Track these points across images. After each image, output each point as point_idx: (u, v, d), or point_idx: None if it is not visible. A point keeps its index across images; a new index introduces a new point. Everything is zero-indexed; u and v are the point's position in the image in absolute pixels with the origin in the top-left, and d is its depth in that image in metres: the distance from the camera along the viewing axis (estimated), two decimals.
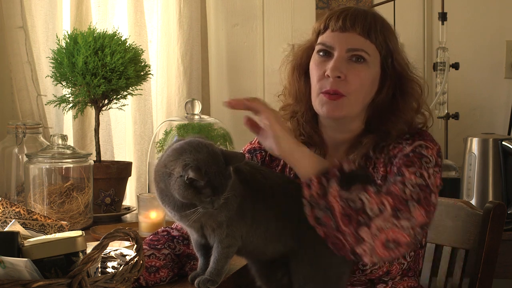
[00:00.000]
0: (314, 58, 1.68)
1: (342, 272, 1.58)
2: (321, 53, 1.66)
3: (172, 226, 1.75)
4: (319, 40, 1.68)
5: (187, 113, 2.56)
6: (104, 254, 1.50)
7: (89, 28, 2.41)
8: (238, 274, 1.68)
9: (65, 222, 1.74)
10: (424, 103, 1.71)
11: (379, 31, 1.65)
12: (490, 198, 2.50)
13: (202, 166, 1.40)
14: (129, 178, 2.55)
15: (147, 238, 1.71)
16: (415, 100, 1.68)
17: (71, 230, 1.49)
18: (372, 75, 1.65)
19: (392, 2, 2.85)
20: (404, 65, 1.69)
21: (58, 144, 2.22)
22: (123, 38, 2.43)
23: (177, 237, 1.70)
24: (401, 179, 1.54)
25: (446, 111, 2.84)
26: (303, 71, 1.72)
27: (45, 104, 2.64)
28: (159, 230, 1.75)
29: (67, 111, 2.49)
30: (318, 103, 1.65)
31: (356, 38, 1.63)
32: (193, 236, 1.54)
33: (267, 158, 1.79)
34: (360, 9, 1.67)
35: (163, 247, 1.67)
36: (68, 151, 2.22)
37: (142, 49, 2.50)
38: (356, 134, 1.70)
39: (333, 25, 1.65)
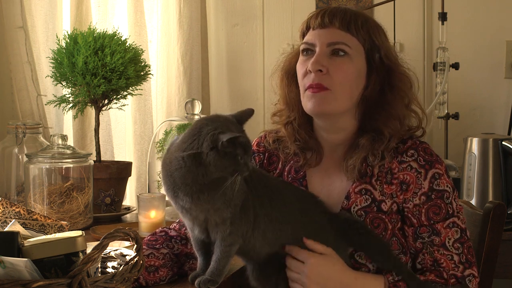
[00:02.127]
0: (299, 59, 1.69)
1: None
2: (304, 53, 1.67)
3: (170, 227, 1.75)
4: (305, 38, 1.69)
5: (187, 113, 2.56)
6: (104, 254, 1.50)
7: (89, 28, 2.41)
8: (238, 274, 1.68)
9: (65, 222, 1.74)
10: (415, 99, 1.71)
11: (360, 26, 1.64)
12: (490, 198, 2.50)
13: (226, 130, 1.41)
14: (129, 178, 2.55)
15: (145, 239, 1.71)
16: (405, 94, 1.68)
17: (71, 230, 1.49)
18: (356, 68, 1.64)
19: (392, 2, 2.85)
20: (393, 59, 1.68)
21: (58, 144, 2.22)
22: (123, 38, 2.43)
23: (175, 237, 1.70)
24: (439, 241, 1.61)
25: (446, 111, 2.84)
26: (293, 77, 1.72)
27: (45, 104, 2.64)
28: (157, 230, 1.75)
29: (67, 111, 2.49)
30: (305, 100, 1.66)
31: (336, 32, 1.64)
32: (194, 233, 1.54)
33: (265, 161, 1.79)
34: (340, 7, 1.68)
35: (161, 246, 1.67)
36: (68, 151, 2.22)
37: (142, 49, 2.50)
38: (351, 134, 1.69)
39: (313, 23, 1.66)
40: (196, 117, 2.54)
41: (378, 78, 1.66)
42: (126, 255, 1.53)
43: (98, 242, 1.24)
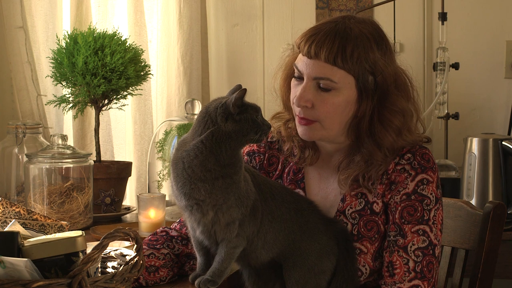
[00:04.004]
0: (292, 81, 1.66)
1: (335, 278, 1.58)
2: (295, 75, 1.64)
3: (171, 227, 1.75)
4: (295, 61, 1.64)
5: (187, 113, 2.56)
6: (104, 254, 1.50)
7: (89, 28, 2.41)
8: (238, 274, 1.68)
9: (65, 222, 1.74)
10: (412, 121, 1.64)
11: (348, 55, 1.56)
12: (490, 198, 2.50)
13: (235, 95, 1.45)
14: (129, 178, 2.55)
15: (146, 239, 1.71)
16: (395, 126, 1.61)
17: (71, 230, 1.49)
18: (344, 99, 1.59)
19: (392, 2, 2.85)
20: (392, 79, 1.61)
21: (58, 144, 2.22)
22: (123, 38, 2.43)
23: (175, 237, 1.70)
24: (402, 243, 1.58)
25: (446, 111, 2.84)
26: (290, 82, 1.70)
27: (45, 104, 2.64)
28: (158, 230, 1.75)
29: (67, 111, 2.49)
30: (296, 124, 1.66)
31: (322, 65, 1.57)
32: (195, 233, 1.54)
33: (265, 162, 1.79)
34: (332, 29, 1.58)
35: (162, 246, 1.67)
36: (68, 151, 2.22)
37: (142, 49, 2.50)
38: (347, 145, 1.67)
39: (303, 49, 1.61)
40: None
41: (369, 104, 1.60)
42: (126, 255, 1.53)
43: (98, 242, 1.24)
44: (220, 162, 1.45)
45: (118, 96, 2.43)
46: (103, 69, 2.33)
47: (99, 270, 1.35)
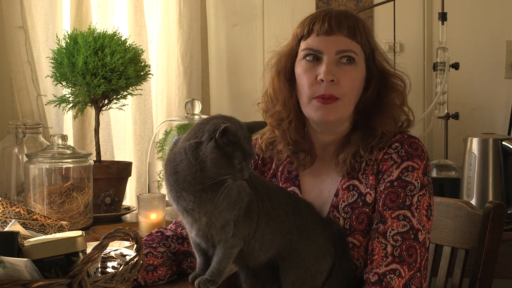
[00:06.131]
0: (301, 64, 1.66)
1: (330, 278, 1.58)
2: (308, 58, 1.65)
3: (167, 227, 1.75)
4: (303, 46, 1.66)
5: (187, 113, 2.56)
6: (104, 254, 1.50)
7: (89, 28, 2.41)
8: (236, 275, 1.68)
9: (65, 222, 1.74)
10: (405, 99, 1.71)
11: (362, 31, 1.64)
12: (490, 198, 2.50)
13: (232, 126, 1.39)
14: (129, 178, 2.55)
15: (142, 239, 1.70)
16: (399, 95, 1.69)
17: (71, 230, 1.49)
18: (360, 75, 1.65)
19: (392, 2, 2.85)
20: (384, 62, 1.69)
21: (58, 144, 2.22)
22: (123, 38, 2.43)
23: (171, 237, 1.70)
24: (382, 229, 1.56)
25: (446, 111, 2.84)
26: (288, 77, 1.69)
27: (45, 104, 2.64)
28: (153, 231, 1.74)
29: (67, 111, 2.49)
30: (311, 108, 1.64)
31: (343, 40, 1.62)
32: (191, 235, 1.54)
33: (259, 162, 1.79)
34: (341, 10, 1.66)
35: (158, 245, 1.66)
36: (68, 151, 2.22)
37: (142, 49, 2.50)
38: (344, 134, 1.69)
39: (318, 29, 1.63)
40: (196, 117, 2.54)
41: (376, 81, 1.67)
42: (126, 255, 1.53)
43: (98, 242, 1.24)
44: (197, 178, 1.41)
45: (118, 96, 2.43)
46: (103, 69, 2.33)
47: (99, 270, 1.35)
